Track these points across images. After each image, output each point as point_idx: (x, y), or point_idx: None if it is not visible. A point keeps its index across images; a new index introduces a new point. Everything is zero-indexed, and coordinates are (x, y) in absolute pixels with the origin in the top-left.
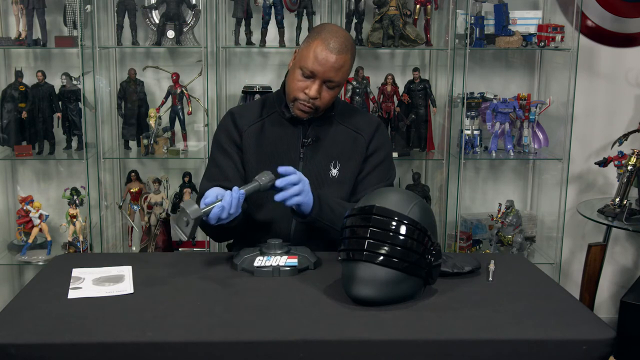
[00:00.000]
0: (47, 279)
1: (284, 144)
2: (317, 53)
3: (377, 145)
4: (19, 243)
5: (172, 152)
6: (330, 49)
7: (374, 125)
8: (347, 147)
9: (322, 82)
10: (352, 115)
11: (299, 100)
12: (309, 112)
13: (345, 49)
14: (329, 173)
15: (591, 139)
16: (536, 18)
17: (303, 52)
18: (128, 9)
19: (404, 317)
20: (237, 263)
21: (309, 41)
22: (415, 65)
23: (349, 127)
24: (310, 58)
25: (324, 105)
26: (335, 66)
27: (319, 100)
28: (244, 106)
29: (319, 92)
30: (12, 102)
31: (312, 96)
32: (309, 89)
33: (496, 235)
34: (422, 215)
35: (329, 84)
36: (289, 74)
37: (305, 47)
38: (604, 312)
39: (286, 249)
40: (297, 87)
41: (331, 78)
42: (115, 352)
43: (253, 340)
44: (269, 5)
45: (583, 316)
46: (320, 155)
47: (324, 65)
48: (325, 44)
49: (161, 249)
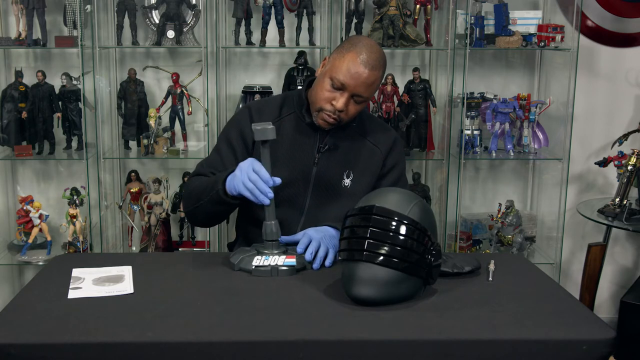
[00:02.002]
0: (47, 279)
1: (299, 147)
2: (350, 66)
3: (394, 161)
4: (19, 243)
5: (172, 152)
6: (364, 64)
7: (391, 139)
8: (362, 159)
9: (350, 95)
10: (371, 126)
11: (324, 110)
12: (333, 124)
13: (379, 65)
14: (341, 182)
15: (591, 139)
16: (536, 18)
17: (336, 62)
18: (128, 9)
19: (404, 317)
20: (234, 262)
21: (342, 52)
22: (415, 65)
23: (366, 138)
24: (342, 70)
25: (348, 118)
26: (367, 82)
27: (344, 113)
28: (262, 101)
29: (346, 105)
30: (12, 102)
31: (338, 108)
32: (336, 101)
33: (496, 235)
34: (422, 215)
35: (357, 99)
36: (318, 81)
37: (338, 58)
38: (604, 312)
39: (283, 249)
40: (324, 97)
41: (360, 93)
42: (115, 352)
43: (253, 340)
44: (269, 5)
45: (583, 316)
46: (335, 163)
47: (356, 80)
48: (359, 58)
49: (161, 249)
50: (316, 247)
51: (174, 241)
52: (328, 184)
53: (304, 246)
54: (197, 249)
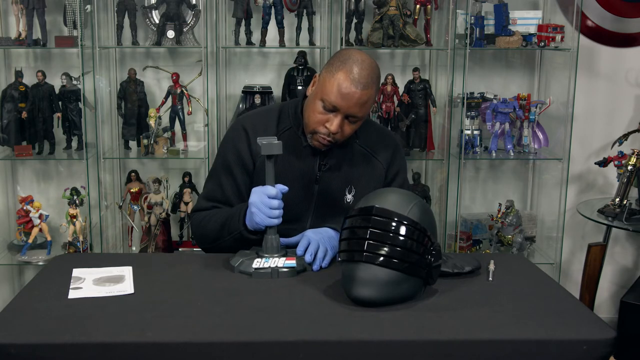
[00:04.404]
0: (47, 279)
1: (299, 165)
2: (342, 87)
3: (396, 169)
4: (19, 243)
5: (172, 152)
6: (355, 84)
7: (391, 149)
8: (364, 172)
9: (344, 116)
10: (370, 135)
11: (318, 133)
12: (328, 146)
13: (372, 82)
14: (344, 198)
15: (591, 139)
16: (536, 18)
17: (326, 83)
18: (128, 9)
19: (404, 317)
20: (234, 265)
21: (332, 71)
22: (415, 65)
23: (366, 150)
24: (333, 91)
25: (343, 139)
26: (359, 102)
27: (339, 135)
28: (256, 117)
29: (340, 127)
30: (12, 102)
31: (333, 131)
32: (330, 123)
33: (496, 235)
34: (422, 215)
35: (351, 119)
36: (309, 103)
37: (328, 78)
38: (604, 312)
39: (283, 252)
40: (317, 120)
41: (354, 113)
42: (115, 352)
43: (253, 341)
44: (269, 5)
45: (583, 316)
46: (337, 179)
47: (348, 101)
48: (350, 77)
49: (161, 249)
50: (315, 248)
51: (174, 241)
52: (330, 200)
53: (303, 248)
54: (197, 249)
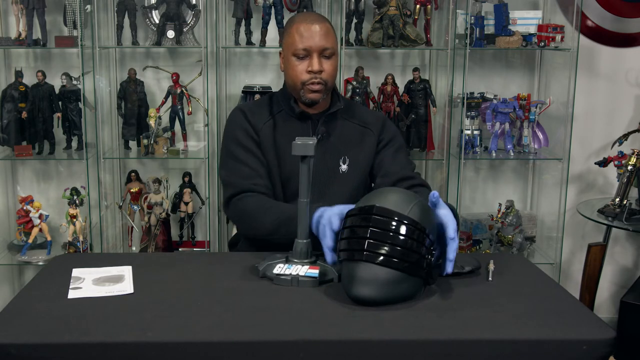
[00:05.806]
0: (47, 279)
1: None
2: (301, 31)
3: (389, 136)
4: (19, 243)
5: (172, 152)
6: (311, 22)
7: (380, 119)
8: (356, 142)
9: (319, 54)
10: (357, 111)
11: (306, 83)
12: (320, 90)
13: (323, 18)
14: (339, 169)
15: (591, 139)
16: (536, 18)
17: (287, 41)
18: (128, 9)
19: (404, 317)
20: (259, 268)
21: (287, 30)
22: (415, 65)
23: (355, 123)
24: (296, 40)
25: (330, 77)
26: (322, 33)
27: (324, 73)
28: (251, 104)
29: (320, 64)
30: (12, 102)
31: (316, 70)
32: (310, 66)
33: (496, 235)
34: (422, 215)
35: (325, 53)
36: (286, 68)
37: (287, 37)
38: (604, 312)
39: (313, 259)
40: (299, 72)
41: (324, 45)
42: (115, 352)
43: (253, 341)
44: (269, 5)
45: (583, 316)
46: (330, 151)
47: (312, 37)
48: (303, 21)
49: (161, 249)
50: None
51: (174, 241)
52: (326, 172)
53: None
54: (197, 249)
